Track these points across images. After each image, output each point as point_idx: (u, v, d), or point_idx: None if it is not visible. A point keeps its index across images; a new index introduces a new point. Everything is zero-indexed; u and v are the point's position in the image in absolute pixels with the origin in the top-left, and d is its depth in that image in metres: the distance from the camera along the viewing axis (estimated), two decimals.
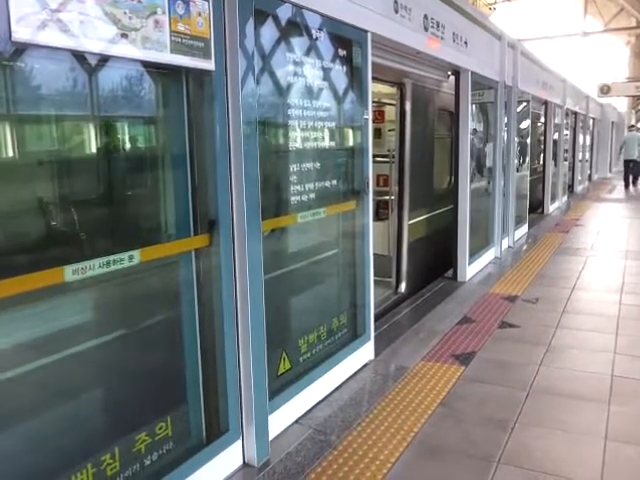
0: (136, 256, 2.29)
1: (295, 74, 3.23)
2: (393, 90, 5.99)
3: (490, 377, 3.81)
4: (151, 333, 2.71)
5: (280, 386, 3.18)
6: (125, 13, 2.10)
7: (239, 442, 2.81)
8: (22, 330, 2.17)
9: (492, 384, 3.72)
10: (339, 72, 3.66)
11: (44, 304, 2.21)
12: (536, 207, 11.77)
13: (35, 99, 2.13)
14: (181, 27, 2.33)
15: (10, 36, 1.77)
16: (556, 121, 12.52)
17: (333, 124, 3.62)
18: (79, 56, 2.13)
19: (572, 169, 16.12)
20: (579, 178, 17.36)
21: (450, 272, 6.51)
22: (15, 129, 2.18)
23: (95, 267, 2.13)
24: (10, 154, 2.20)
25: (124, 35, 2.11)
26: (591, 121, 19.59)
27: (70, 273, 2.05)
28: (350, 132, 3.93)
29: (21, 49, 1.92)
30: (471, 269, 6.58)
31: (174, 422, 2.59)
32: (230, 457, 2.76)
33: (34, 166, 2.29)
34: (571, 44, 25.94)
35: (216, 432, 2.74)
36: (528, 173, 10.15)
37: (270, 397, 2.94)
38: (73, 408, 2.35)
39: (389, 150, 6.48)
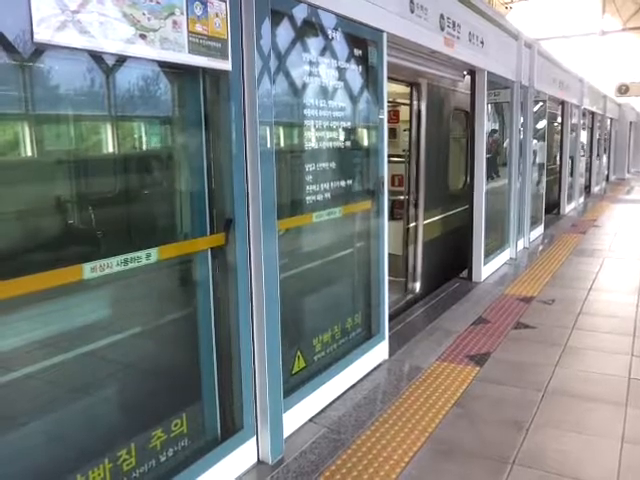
0: (153, 254, 2.31)
1: (311, 74, 3.24)
2: (408, 90, 5.98)
3: (505, 378, 3.80)
4: (167, 331, 2.74)
5: (294, 385, 3.20)
6: (144, 14, 2.12)
7: (253, 440, 2.82)
8: (45, 326, 2.20)
9: (507, 385, 3.70)
10: (355, 72, 3.66)
11: (62, 301, 2.24)
12: (552, 208, 11.67)
13: (56, 99, 2.16)
14: (199, 28, 2.35)
15: (32, 37, 1.80)
16: (573, 121, 12.40)
17: (348, 124, 3.63)
18: (97, 57, 2.16)
19: (589, 170, 15.96)
20: (596, 179, 17.19)
21: (465, 272, 6.49)
22: (35, 129, 2.21)
23: (113, 265, 2.16)
24: (29, 153, 2.24)
25: (143, 36, 2.13)
26: (609, 121, 19.38)
27: (88, 271, 2.08)
28: (365, 132, 3.94)
29: (44, 50, 1.95)
30: (486, 269, 6.55)
31: (189, 419, 2.62)
32: (244, 455, 2.78)
33: (53, 165, 2.32)
34: (589, 43, 25.70)
35: (231, 430, 2.76)
36: (544, 173, 10.07)
37: (285, 395, 2.96)
38: (90, 404, 2.38)
39: (404, 150, 6.48)
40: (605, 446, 2.99)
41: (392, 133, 7.14)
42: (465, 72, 6.33)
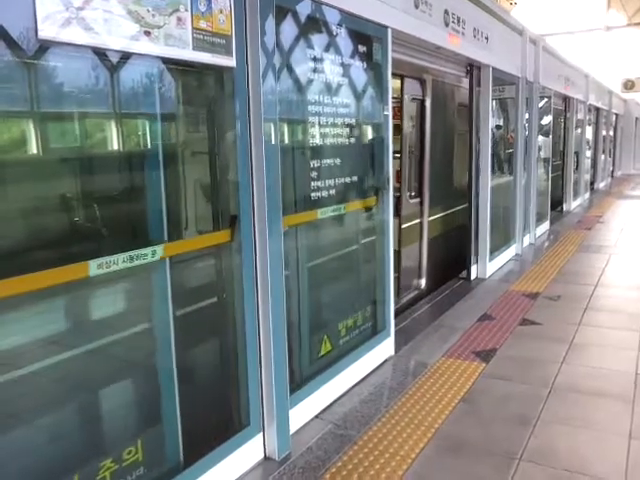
0: (159, 251, 2.31)
1: (315, 70, 3.23)
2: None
3: (511, 374, 3.79)
4: (173, 327, 2.74)
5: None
6: (148, 11, 2.12)
7: (260, 436, 2.83)
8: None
9: (513, 381, 3.69)
10: (359, 68, 3.65)
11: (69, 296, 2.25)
12: (556, 205, 11.61)
13: (62, 96, 2.16)
14: (203, 24, 2.35)
15: (36, 34, 1.80)
16: (578, 117, 12.35)
17: (353, 120, 3.62)
18: (101, 53, 2.16)
19: (594, 166, 15.89)
20: (601, 175, 17.12)
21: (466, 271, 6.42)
22: (39, 126, 2.22)
23: (119, 262, 2.16)
24: (34, 151, 2.25)
25: (147, 32, 2.13)
26: (614, 117, 19.29)
27: (95, 268, 2.08)
28: (370, 128, 3.93)
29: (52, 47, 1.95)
30: (491, 266, 6.53)
31: (192, 416, 2.62)
32: (251, 451, 2.78)
33: (58, 163, 2.33)
34: (594, 39, 25.56)
35: (237, 426, 2.77)
36: (550, 170, 10.04)
37: (291, 392, 2.96)
38: (94, 402, 2.38)
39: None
40: (613, 442, 2.98)
41: (397, 129, 7.12)
42: (467, 68, 6.29)
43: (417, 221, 6.02)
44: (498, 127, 7.09)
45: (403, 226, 5.65)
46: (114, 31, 2.03)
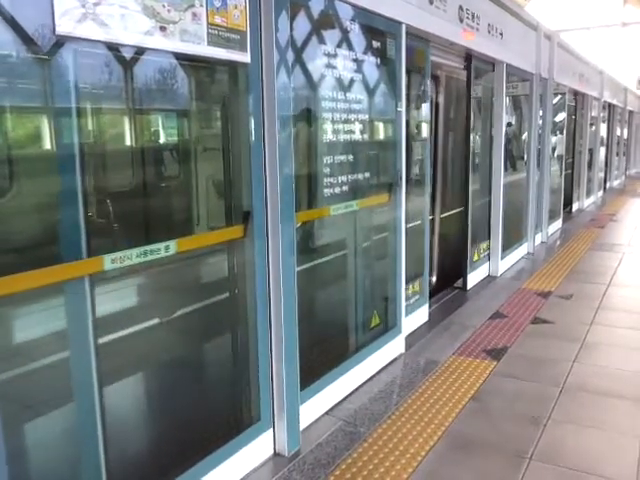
0: (172, 246, 2.32)
1: (329, 66, 3.22)
2: None
3: (522, 373, 3.77)
4: (184, 322, 2.76)
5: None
6: (164, 6, 2.12)
7: (270, 432, 2.83)
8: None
9: (524, 380, 3.67)
10: (372, 64, 3.64)
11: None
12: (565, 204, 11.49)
13: (78, 92, 2.17)
14: (218, 20, 2.35)
15: (54, 30, 1.81)
16: (592, 114, 12.23)
17: (366, 117, 3.61)
18: (115, 48, 2.17)
19: (608, 163, 15.74)
20: (615, 172, 16.96)
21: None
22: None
23: (133, 257, 2.17)
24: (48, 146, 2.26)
25: (162, 28, 2.13)
26: (628, 114, 19.08)
27: (109, 262, 2.09)
28: (383, 125, 3.92)
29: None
30: (504, 264, 6.50)
31: (205, 409, 2.63)
32: (261, 447, 2.79)
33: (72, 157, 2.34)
34: (610, 35, 25.26)
35: (247, 422, 2.78)
36: (563, 167, 9.96)
37: (301, 388, 2.96)
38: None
39: None
40: (624, 443, 2.96)
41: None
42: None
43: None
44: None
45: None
46: (130, 26, 2.04)
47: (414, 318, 4.55)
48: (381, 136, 3.94)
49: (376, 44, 3.64)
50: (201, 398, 2.78)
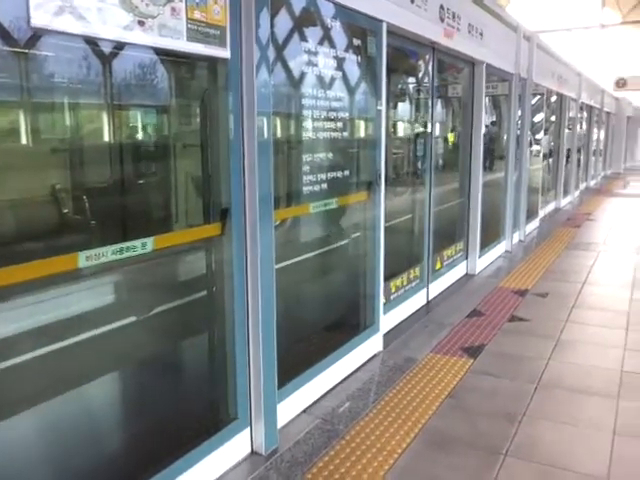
0: (149, 244, 2.30)
1: (310, 64, 3.22)
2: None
3: (499, 370, 3.81)
4: (162, 319, 2.74)
5: (289, 376, 3.19)
6: (142, 0, 2.10)
7: (247, 431, 2.82)
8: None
9: (501, 377, 3.72)
10: (353, 62, 3.64)
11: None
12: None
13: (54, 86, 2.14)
14: (197, 15, 2.32)
15: (28, 21, 1.78)
16: (570, 115, 12.39)
17: (346, 115, 3.61)
18: (93, 42, 2.14)
19: (585, 163, 15.96)
20: (592, 173, 17.22)
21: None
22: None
23: (108, 254, 2.14)
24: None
25: (141, 22, 2.11)
26: (605, 115, 19.38)
27: (83, 259, 2.06)
28: (363, 123, 3.92)
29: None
30: (481, 262, 6.56)
31: (181, 409, 2.62)
32: (238, 445, 2.78)
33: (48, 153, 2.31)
34: (590, 37, 25.58)
35: (224, 420, 2.76)
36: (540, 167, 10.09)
37: (279, 386, 2.96)
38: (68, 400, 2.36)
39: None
40: (597, 438, 3.01)
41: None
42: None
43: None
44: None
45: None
46: (108, 20, 2.01)
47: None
48: (361, 134, 3.94)
49: (357, 42, 3.64)
50: (177, 397, 2.76)
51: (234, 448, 2.75)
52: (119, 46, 2.26)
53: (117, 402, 2.69)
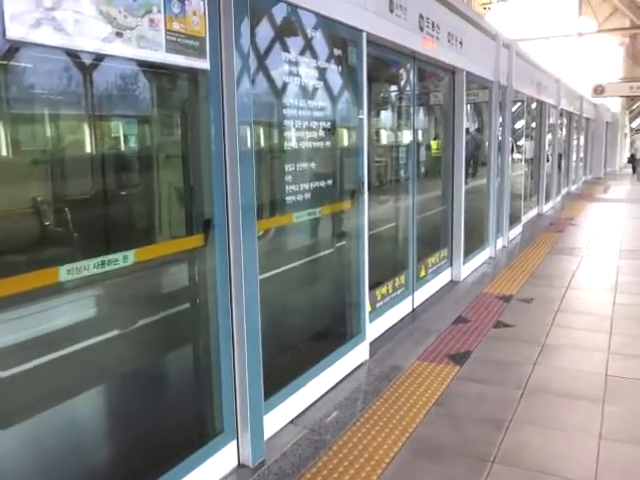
0: (130, 256, 2.27)
1: (290, 74, 3.22)
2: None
3: (485, 376, 3.82)
4: (145, 332, 2.71)
5: (275, 387, 3.17)
6: (120, 12, 2.09)
7: (234, 443, 2.79)
8: None
9: (487, 383, 3.72)
10: (334, 72, 3.65)
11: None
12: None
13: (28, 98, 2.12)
14: (176, 26, 2.32)
15: (4, 34, 1.76)
16: (550, 121, 12.55)
17: (328, 124, 3.62)
18: (74, 55, 2.12)
19: (565, 169, 16.15)
20: (573, 178, 17.43)
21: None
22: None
23: (90, 267, 2.12)
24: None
25: (119, 34, 2.10)
26: (585, 121, 19.66)
27: (65, 273, 2.03)
28: (346, 132, 3.93)
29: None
30: (466, 269, 6.59)
31: (166, 423, 2.58)
32: (225, 458, 2.75)
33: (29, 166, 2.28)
34: (567, 45, 25.98)
35: (211, 433, 2.73)
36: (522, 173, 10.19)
37: (265, 397, 2.93)
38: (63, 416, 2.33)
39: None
40: (583, 443, 3.02)
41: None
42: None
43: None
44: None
45: None
46: (86, 32, 1.99)
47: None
48: (344, 143, 3.95)
49: (338, 52, 3.66)
50: (161, 411, 2.72)
51: (221, 461, 2.72)
52: (99, 57, 2.24)
53: (101, 417, 2.65)
